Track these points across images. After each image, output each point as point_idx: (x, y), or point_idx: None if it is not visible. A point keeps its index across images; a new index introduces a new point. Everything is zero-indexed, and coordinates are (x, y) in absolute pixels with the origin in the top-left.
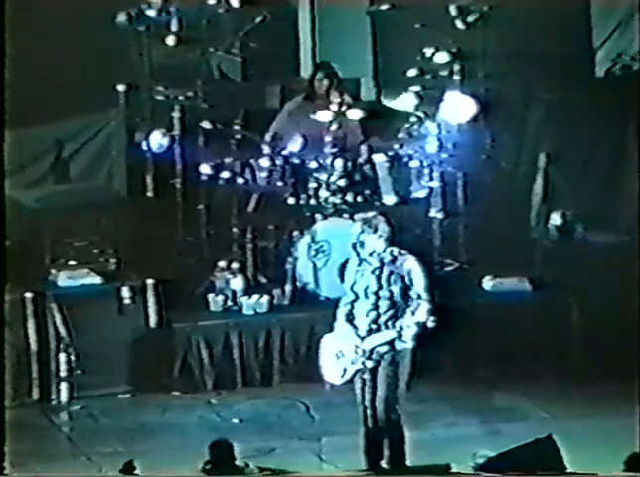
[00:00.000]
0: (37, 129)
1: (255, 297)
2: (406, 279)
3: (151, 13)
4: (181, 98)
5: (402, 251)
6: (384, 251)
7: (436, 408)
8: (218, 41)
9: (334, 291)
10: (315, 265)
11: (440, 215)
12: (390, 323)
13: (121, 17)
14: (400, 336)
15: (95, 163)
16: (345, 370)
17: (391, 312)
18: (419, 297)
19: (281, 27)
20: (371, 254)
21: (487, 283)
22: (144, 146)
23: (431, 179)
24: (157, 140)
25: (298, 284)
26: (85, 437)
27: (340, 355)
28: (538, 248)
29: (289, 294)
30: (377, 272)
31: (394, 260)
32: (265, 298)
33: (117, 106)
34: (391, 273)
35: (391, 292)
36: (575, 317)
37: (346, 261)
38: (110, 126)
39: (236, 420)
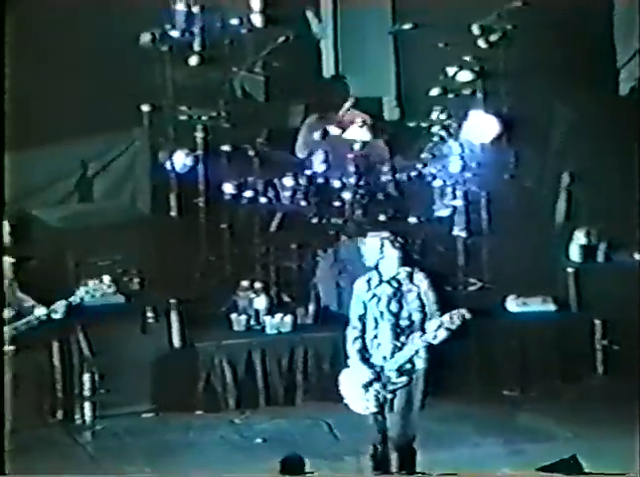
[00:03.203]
0: (62, 149)
1: (279, 316)
2: (422, 297)
3: (174, 33)
4: (204, 118)
5: (415, 269)
6: (398, 272)
7: (460, 428)
8: (240, 61)
9: None
10: (338, 284)
11: (464, 234)
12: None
13: (145, 37)
14: (416, 352)
15: (119, 183)
16: (376, 397)
17: (409, 331)
18: (432, 314)
19: (304, 47)
20: (387, 278)
21: (511, 303)
22: (168, 166)
23: (454, 198)
24: (180, 160)
25: (321, 303)
26: (109, 456)
27: (369, 384)
28: (561, 268)
29: (312, 313)
30: (395, 294)
31: (410, 279)
32: (289, 317)
33: (141, 126)
34: (408, 292)
35: (409, 312)
36: (599, 336)
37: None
38: (134, 146)
39: (259, 440)
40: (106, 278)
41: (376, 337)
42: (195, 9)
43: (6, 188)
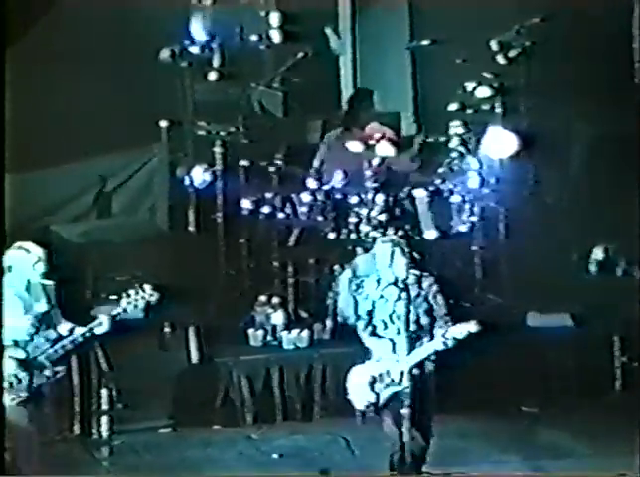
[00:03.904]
0: (81, 165)
1: (296, 332)
2: (431, 300)
3: (194, 49)
4: (222, 133)
5: (424, 273)
6: (407, 276)
7: (480, 445)
8: (259, 76)
9: None
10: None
11: (482, 250)
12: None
13: (164, 53)
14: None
15: (138, 198)
16: (378, 395)
17: (418, 334)
18: (441, 318)
19: (322, 62)
20: (396, 279)
21: (530, 319)
22: (186, 181)
23: (472, 214)
24: (199, 175)
25: (339, 319)
26: (127, 472)
27: (374, 381)
28: (580, 284)
29: (330, 329)
30: (403, 296)
31: (419, 283)
32: (306, 333)
33: (160, 142)
34: (417, 296)
35: (418, 315)
36: (618, 352)
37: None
38: (153, 162)
39: (276, 455)
40: (148, 287)
41: (386, 338)
42: (214, 25)
43: (26, 204)
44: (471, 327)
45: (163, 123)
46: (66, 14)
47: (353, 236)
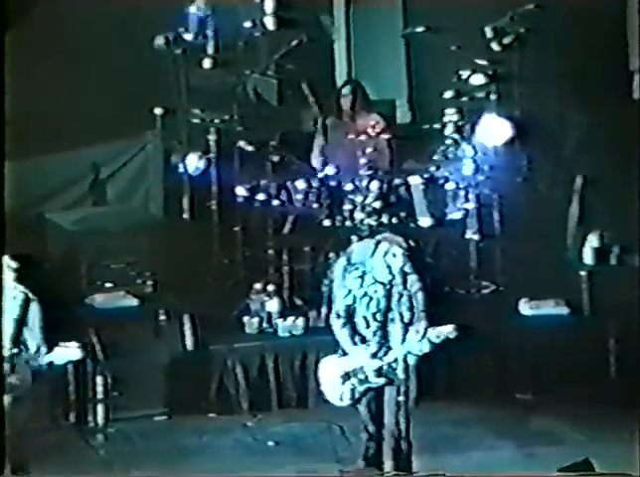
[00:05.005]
0: (75, 152)
1: (291, 319)
2: (412, 299)
3: (188, 37)
4: (217, 121)
5: (409, 272)
6: (393, 275)
7: (474, 432)
8: (254, 63)
9: None
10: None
11: (476, 237)
12: (399, 341)
13: (159, 40)
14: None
15: (132, 185)
16: (353, 391)
17: (400, 331)
18: (418, 318)
19: (317, 50)
20: (381, 278)
21: (524, 306)
22: (180, 168)
23: (467, 201)
24: (193, 162)
25: (333, 306)
26: (122, 460)
27: (347, 377)
28: (574, 271)
29: (325, 316)
30: (387, 293)
31: (404, 281)
32: (301, 320)
33: (154, 129)
34: (400, 296)
35: (400, 313)
36: (612, 340)
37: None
38: (147, 149)
39: (271, 443)
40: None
41: (364, 335)
42: (208, 12)
43: (21, 192)
44: (450, 332)
45: (157, 111)
46: (62, 3)
47: (348, 223)
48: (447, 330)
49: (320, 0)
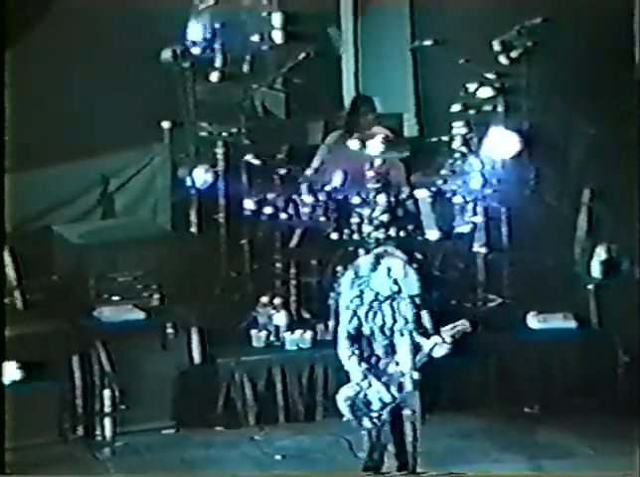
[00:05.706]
0: (83, 165)
1: (298, 332)
2: (419, 312)
3: (195, 50)
4: (225, 134)
5: (401, 294)
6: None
7: (481, 444)
8: (261, 77)
9: None
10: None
11: (484, 250)
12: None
13: (166, 54)
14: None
15: (140, 199)
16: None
17: (408, 345)
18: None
19: (324, 63)
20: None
21: (531, 319)
22: (188, 182)
23: (475, 214)
24: (201, 176)
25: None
26: (130, 473)
27: (353, 404)
28: (583, 284)
29: (332, 330)
30: (392, 306)
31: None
32: (308, 333)
33: (161, 142)
34: (403, 309)
35: (407, 326)
36: (621, 353)
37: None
38: (155, 162)
39: (279, 456)
40: None
41: (372, 353)
42: (216, 25)
43: (27, 205)
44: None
45: (165, 124)
46: (67, 13)
47: (355, 236)
48: (461, 324)
49: (328, 14)
